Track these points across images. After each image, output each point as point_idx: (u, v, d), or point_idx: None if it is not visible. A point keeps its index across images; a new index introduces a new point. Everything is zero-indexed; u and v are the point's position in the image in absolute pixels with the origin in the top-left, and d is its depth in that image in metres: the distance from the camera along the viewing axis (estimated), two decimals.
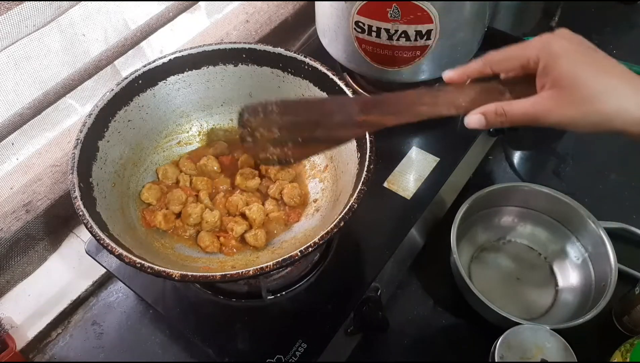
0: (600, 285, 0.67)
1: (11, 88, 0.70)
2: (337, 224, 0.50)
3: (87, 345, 0.71)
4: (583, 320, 0.61)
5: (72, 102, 0.80)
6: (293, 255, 0.48)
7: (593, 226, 0.70)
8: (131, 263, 0.49)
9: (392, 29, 0.67)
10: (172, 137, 0.70)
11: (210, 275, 0.48)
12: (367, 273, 0.65)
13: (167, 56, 0.65)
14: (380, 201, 0.71)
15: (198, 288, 0.65)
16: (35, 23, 0.61)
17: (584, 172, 0.86)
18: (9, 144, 0.72)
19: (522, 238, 0.77)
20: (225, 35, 0.91)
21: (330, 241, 0.67)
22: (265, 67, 0.67)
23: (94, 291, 0.76)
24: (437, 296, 0.73)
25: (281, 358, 0.58)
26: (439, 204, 0.77)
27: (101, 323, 0.73)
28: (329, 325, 0.61)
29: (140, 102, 0.65)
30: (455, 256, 0.67)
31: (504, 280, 0.73)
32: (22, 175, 0.74)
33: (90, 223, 0.51)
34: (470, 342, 0.68)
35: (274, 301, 0.63)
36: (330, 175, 0.66)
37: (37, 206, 0.72)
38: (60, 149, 0.76)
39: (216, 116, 0.72)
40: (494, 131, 0.83)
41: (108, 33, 0.80)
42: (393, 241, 0.68)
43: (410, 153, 0.76)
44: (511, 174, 0.86)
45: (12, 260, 0.73)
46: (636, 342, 0.56)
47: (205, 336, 0.62)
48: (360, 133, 0.54)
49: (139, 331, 0.72)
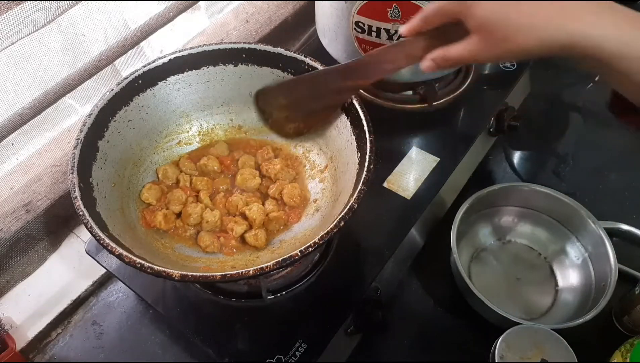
0: (600, 285, 0.67)
1: (11, 88, 0.70)
2: (337, 224, 0.50)
3: (87, 345, 0.71)
4: (583, 320, 0.61)
5: (72, 102, 0.80)
6: (293, 255, 0.48)
7: (593, 226, 0.70)
8: (131, 263, 0.49)
9: (392, 29, 0.68)
10: (172, 137, 0.70)
11: (210, 275, 0.48)
12: (367, 273, 0.65)
13: (167, 56, 0.65)
14: (380, 201, 0.71)
15: (198, 288, 0.65)
16: (35, 23, 0.61)
17: (584, 172, 0.86)
18: (9, 144, 0.72)
19: (522, 238, 0.77)
20: (225, 35, 0.91)
21: (330, 241, 0.67)
22: (265, 67, 0.67)
23: (94, 291, 0.76)
24: (437, 296, 0.73)
25: (281, 358, 0.59)
26: (439, 204, 0.77)
27: (101, 323, 0.73)
28: (329, 325, 0.61)
29: (140, 102, 0.65)
30: (455, 256, 0.67)
31: (504, 280, 0.73)
32: (22, 175, 0.74)
33: (90, 223, 0.51)
34: (470, 342, 0.68)
35: (274, 301, 0.63)
36: (330, 175, 0.66)
37: (37, 206, 0.72)
38: (60, 149, 0.76)
39: (216, 116, 0.71)
40: (494, 131, 0.83)
41: (108, 33, 0.80)
42: (393, 241, 0.68)
43: (410, 153, 0.76)
44: (511, 174, 0.87)
45: (12, 260, 0.73)
46: (636, 342, 0.56)
47: (205, 336, 0.62)
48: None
49: (139, 331, 0.72)
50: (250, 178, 0.67)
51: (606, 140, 0.90)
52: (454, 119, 0.82)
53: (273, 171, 0.67)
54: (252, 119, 0.71)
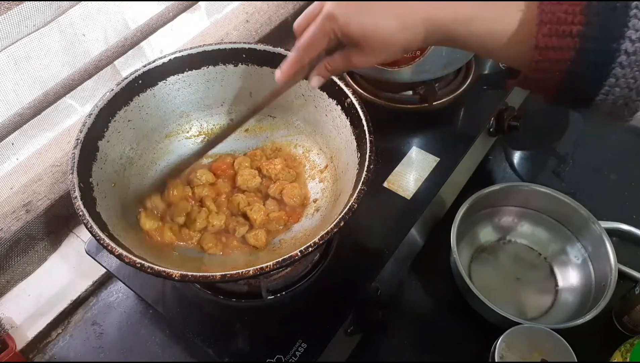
0: (600, 285, 0.67)
1: (11, 88, 0.70)
2: (337, 224, 0.50)
3: (87, 345, 0.71)
4: (583, 320, 0.61)
5: (72, 102, 0.80)
6: (293, 255, 0.48)
7: (593, 226, 0.70)
8: (131, 263, 0.49)
9: None
10: (172, 137, 0.70)
11: (210, 275, 0.48)
12: (367, 273, 0.65)
13: (167, 56, 0.65)
14: (380, 201, 0.71)
15: (198, 288, 0.65)
16: (35, 23, 0.61)
17: (584, 172, 0.86)
18: (9, 144, 0.72)
19: (522, 238, 0.77)
20: (225, 35, 0.91)
21: (330, 241, 0.67)
22: (265, 67, 0.67)
23: (94, 291, 0.76)
24: (437, 296, 0.73)
25: (281, 358, 0.58)
26: (439, 204, 0.77)
27: (101, 323, 0.73)
28: (329, 325, 0.61)
29: (140, 102, 0.65)
30: (455, 256, 0.67)
31: (504, 280, 0.73)
32: (22, 175, 0.74)
33: (90, 223, 0.51)
34: (470, 342, 0.68)
35: (274, 301, 0.63)
36: (330, 175, 0.66)
37: (37, 206, 0.72)
38: (60, 149, 0.76)
39: (216, 116, 0.71)
40: (494, 131, 0.83)
41: (108, 33, 0.80)
42: (393, 241, 0.68)
43: (410, 153, 0.76)
44: (511, 174, 0.86)
45: (12, 260, 0.73)
46: (636, 342, 0.56)
47: (205, 336, 0.62)
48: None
49: (139, 331, 0.72)
50: (250, 178, 0.67)
51: (606, 140, 0.90)
52: (454, 119, 0.82)
53: (274, 171, 0.67)
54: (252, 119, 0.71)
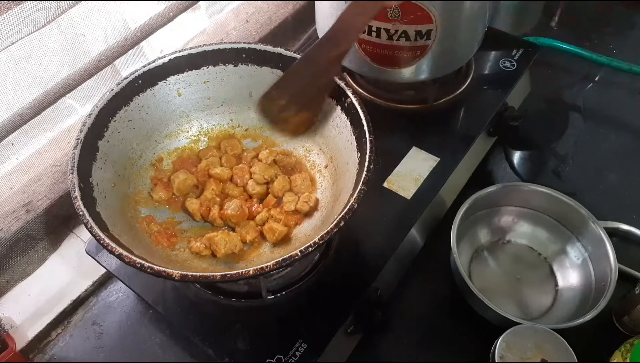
0: (600, 285, 0.67)
1: (11, 88, 0.70)
2: (337, 224, 0.50)
3: (87, 345, 0.71)
4: (583, 320, 0.61)
5: (72, 102, 0.80)
6: (293, 255, 0.48)
7: (593, 226, 0.70)
8: (131, 263, 0.49)
9: (392, 29, 0.67)
10: (172, 137, 0.70)
11: (210, 275, 0.48)
12: (367, 273, 0.65)
13: (167, 56, 0.65)
14: (380, 201, 0.71)
15: (198, 288, 0.65)
16: (35, 23, 0.61)
17: (584, 172, 0.86)
18: (9, 144, 0.72)
19: (522, 238, 0.77)
20: (225, 35, 0.91)
21: (330, 241, 0.67)
22: (265, 67, 0.67)
23: (94, 291, 0.76)
24: (437, 296, 0.73)
25: (281, 358, 0.59)
26: (439, 204, 0.77)
27: (101, 323, 0.73)
28: (329, 325, 0.61)
29: (140, 102, 0.65)
30: (455, 256, 0.67)
31: (504, 280, 0.73)
32: (22, 175, 0.74)
33: (90, 223, 0.51)
34: (471, 342, 0.68)
35: (274, 301, 0.63)
36: (330, 175, 0.66)
37: (37, 206, 0.72)
38: (60, 149, 0.76)
39: (216, 116, 0.72)
40: (494, 131, 0.83)
41: (108, 33, 0.80)
42: (393, 241, 0.68)
43: (410, 153, 0.76)
44: (511, 174, 0.86)
45: (12, 260, 0.73)
46: (636, 342, 0.56)
47: (205, 336, 0.62)
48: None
49: (139, 331, 0.72)
50: (266, 162, 0.68)
51: (606, 140, 0.90)
52: (453, 119, 0.82)
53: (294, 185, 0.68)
54: (252, 119, 0.71)
